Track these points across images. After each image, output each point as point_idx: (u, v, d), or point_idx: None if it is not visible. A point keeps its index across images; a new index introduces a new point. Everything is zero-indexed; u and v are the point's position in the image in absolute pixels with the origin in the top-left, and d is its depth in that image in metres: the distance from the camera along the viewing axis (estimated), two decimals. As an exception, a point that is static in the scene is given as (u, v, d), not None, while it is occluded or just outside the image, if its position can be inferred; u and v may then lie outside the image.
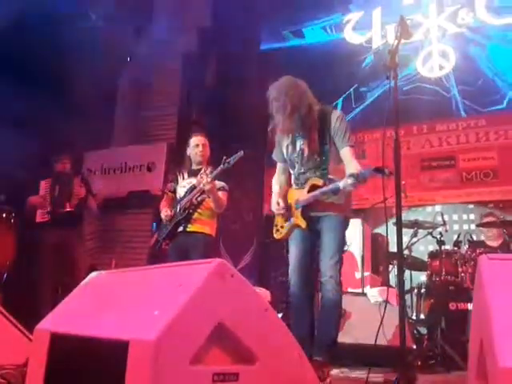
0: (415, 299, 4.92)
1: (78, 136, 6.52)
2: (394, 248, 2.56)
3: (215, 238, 4.04)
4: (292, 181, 3.22)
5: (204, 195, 3.79)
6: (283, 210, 3.09)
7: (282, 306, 4.77)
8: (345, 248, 5.31)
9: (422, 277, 5.18)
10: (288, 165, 3.23)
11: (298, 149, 3.11)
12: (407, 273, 4.73)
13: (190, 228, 3.82)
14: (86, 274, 2.24)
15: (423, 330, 4.42)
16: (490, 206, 6.04)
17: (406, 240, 4.68)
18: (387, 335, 3.53)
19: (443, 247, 4.47)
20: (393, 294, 4.06)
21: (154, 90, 7.40)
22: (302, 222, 2.99)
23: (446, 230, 4.68)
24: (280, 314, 4.48)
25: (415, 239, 4.77)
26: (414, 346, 3.93)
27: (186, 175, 4.06)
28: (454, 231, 5.62)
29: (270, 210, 3.35)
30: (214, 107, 7.18)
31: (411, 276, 4.81)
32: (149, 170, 6.92)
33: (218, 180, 3.78)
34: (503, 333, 1.26)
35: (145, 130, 7.28)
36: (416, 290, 4.93)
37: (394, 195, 2.46)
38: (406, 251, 4.77)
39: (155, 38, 7.75)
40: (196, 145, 4.04)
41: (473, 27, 6.50)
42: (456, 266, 4.41)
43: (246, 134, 6.46)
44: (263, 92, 3.10)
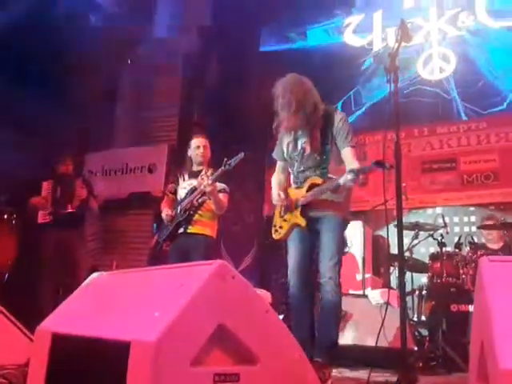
0: (416, 301, 4.91)
1: (78, 137, 6.53)
2: (394, 250, 2.56)
3: (216, 239, 4.05)
4: (291, 180, 3.21)
5: (205, 197, 3.80)
6: (285, 200, 3.07)
7: (282, 307, 4.76)
8: (345, 250, 5.33)
9: (423, 279, 5.18)
10: (288, 163, 3.22)
11: (299, 147, 3.11)
12: (408, 275, 4.72)
13: (191, 229, 3.83)
14: (87, 274, 2.25)
15: (424, 332, 4.41)
16: (491, 208, 6.03)
17: (407, 242, 4.67)
18: (388, 337, 3.53)
19: (444, 249, 4.45)
20: (394, 295, 4.06)
21: (155, 90, 7.41)
22: (302, 221, 2.98)
23: (447, 232, 4.67)
24: (281, 315, 4.48)
25: (416, 241, 4.76)
26: (416, 348, 3.93)
27: (186, 177, 4.06)
28: (454, 233, 5.62)
29: (270, 209, 3.34)
30: (214, 108, 7.19)
31: (412, 278, 4.81)
32: (150, 171, 6.92)
33: (218, 182, 3.78)
34: (504, 335, 1.26)
35: (146, 131, 7.29)
36: (417, 292, 4.92)
37: (395, 197, 2.47)
38: (407, 253, 4.77)
39: (156, 38, 7.78)
40: (197, 146, 4.05)
41: (473, 30, 6.51)
42: (457, 267, 4.41)
43: (246, 136, 6.47)
44: (264, 93, 3.11)
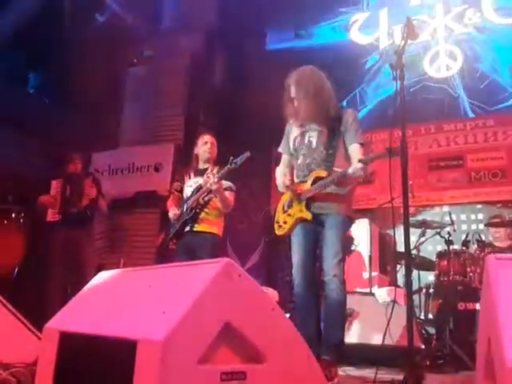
0: (423, 299, 4.90)
1: (85, 136, 6.56)
2: (401, 248, 2.55)
3: (222, 237, 4.05)
4: (294, 174, 3.20)
5: (211, 195, 3.80)
6: (292, 184, 3.06)
7: (289, 305, 4.77)
8: (352, 248, 5.32)
9: (430, 277, 5.16)
10: (293, 158, 3.20)
11: (306, 141, 3.10)
12: (415, 273, 4.71)
13: (197, 228, 3.83)
14: (95, 273, 2.26)
15: (431, 330, 4.40)
16: (499, 205, 6.01)
17: (414, 240, 4.66)
18: (395, 335, 3.53)
19: (451, 247, 4.44)
20: (401, 293, 4.05)
21: (161, 90, 7.42)
22: (308, 215, 2.96)
23: (455, 230, 4.66)
24: (288, 314, 4.48)
25: (423, 239, 4.75)
26: (423, 346, 3.92)
27: (192, 175, 4.07)
28: (462, 231, 5.60)
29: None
30: (221, 107, 7.19)
31: (419, 276, 4.79)
32: (156, 170, 6.93)
33: (224, 180, 3.78)
34: (511, 333, 1.25)
35: (152, 130, 7.30)
36: (424, 290, 4.90)
37: (402, 195, 2.46)
38: (414, 251, 4.75)
39: (162, 38, 7.79)
40: (205, 142, 4.07)
41: (480, 27, 6.47)
42: (464, 265, 4.39)
43: (253, 135, 6.47)
44: (270, 92, 3.12)
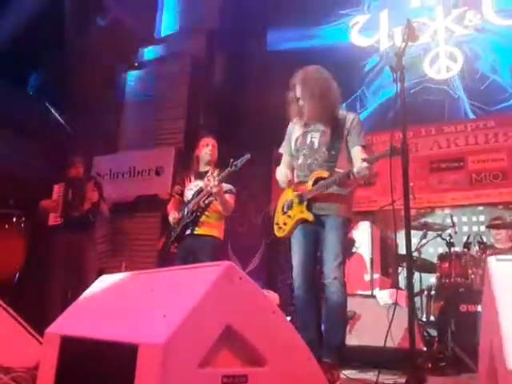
0: (425, 301, 4.89)
1: (86, 140, 6.57)
2: (403, 250, 2.54)
3: (223, 240, 4.05)
4: (294, 175, 3.19)
5: (211, 198, 3.79)
6: (293, 182, 3.08)
7: (290, 308, 4.76)
8: (353, 250, 5.31)
9: (431, 279, 5.15)
10: (294, 159, 3.19)
11: (308, 141, 3.09)
12: (417, 275, 4.70)
13: (198, 231, 3.83)
14: (96, 277, 2.26)
15: (433, 333, 4.39)
16: (500, 207, 6.00)
17: (415, 242, 4.65)
18: (397, 337, 3.52)
19: (453, 249, 4.43)
20: (402, 296, 4.05)
21: (162, 93, 7.43)
22: (309, 216, 2.95)
23: (456, 232, 4.65)
24: (289, 317, 4.47)
25: (424, 241, 4.74)
26: (425, 348, 3.91)
27: (192, 178, 4.07)
28: (463, 233, 5.59)
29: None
30: (221, 109, 7.19)
31: (421, 278, 4.78)
32: (157, 174, 6.94)
33: (225, 183, 3.78)
34: (513, 334, 1.25)
35: (152, 133, 7.30)
36: (426, 292, 4.90)
37: (403, 197, 2.46)
38: (416, 253, 4.75)
39: (163, 41, 7.81)
40: (206, 144, 4.07)
41: (480, 29, 6.47)
42: (466, 267, 4.38)
43: (253, 137, 6.47)
44: (270, 94, 3.12)
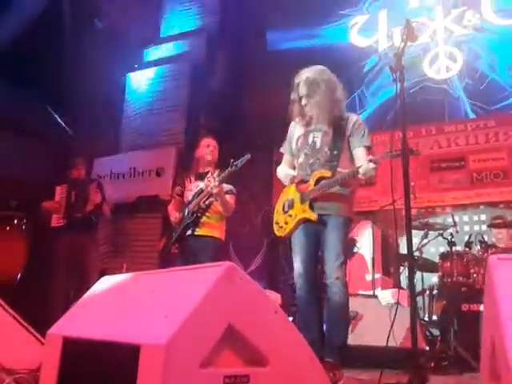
0: (427, 301, 4.89)
1: (86, 141, 6.58)
2: (404, 250, 2.55)
3: (224, 241, 4.05)
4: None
5: (212, 198, 3.79)
6: (297, 178, 3.07)
7: (292, 309, 4.76)
8: (355, 250, 5.31)
9: (433, 278, 5.15)
10: (294, 158, 3.18)
11: (309, 141, 3.09)
12: (418, 274, 4.70)
13: (199, 232, 3.82)
14: (99, 278, 2.26)
15: (436, 332, 4.39)
16: (501, 206, 6.00)
17: (416, 241, 4.65)
18: (399, 337, 3.52)
19: (454, 248, 4.43)
20: (404, 295, 4.04)
21: (162, 93, 7.43)
22: (311, 215, 2.93)
23: (457, 231, 4.65)
24: (291, 317, 4.47)
25: (426, 240, 4.74)
26: (427, 348, 3.91)
27: (193, 179, 4.07)
28: (464, 232, 5.59)
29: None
30: (222, 110, 7.20)
31: (422, 277, 4.79)
32: (158, 174, 6.93)
33: (225, 183, 3.78)
34: (515, 333, 1.25)
35: (153, 134, 7.30)
36: (428, 292, 4.90)
37: (403, 197, 2.46)
38: (417, 253, 4.75)
39: (163, 42, 7.82)
40: (207, 145, 4.07)
41: (479, 28, 6.48)
42: (467, 267, 4.38)
43: (253, 137, 6.47)
44: (271, 94, 3.12)
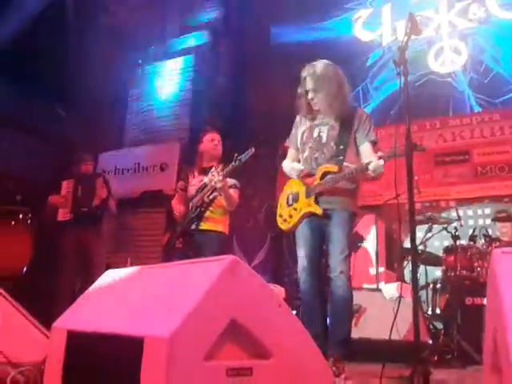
0: (431, 294, 4.89)
1: (91, 136, 6.59)
2: (408, 243, 2.55)
3: (228, 235, 4.05)
4: None
5: (215, 193, 3.79)
6: (304, 171, 3.06)
7: (296, 302, 4.77)
8: (359, 244, 5.31)
9: (437, 272, 5.15)
10: (299, 151, 3.18)
11: (315, 135, 3.08)
12: (422, 268, 4.70)
13: (203, 226, 3.83)
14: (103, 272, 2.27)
15: (439, 326, 4.39)
16: (506, 200, 5.98)
17: (420, 235, 4.65)
18: (403, 330, 3.53)
19: (458, 242, 4.43)
20: (408, 289, 4.05)
21: (166, 89, 7.43)
22: (317, 209, 2.92)
23: (461, 225, 4.65)
24: (294, 311, 4.48)
25: (430, 234, 4.74)
26: (430, 341, 3.92)
27: (196, 173, 4.07)
28: (469, 226, 5.58)
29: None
30: (226, 105, 7.19)
31: (426, 271, 4.78)
32: (162, 169, 6.95)
33: (229, 177, 3.78)
34: (517, 326, 1.25)
35: (157, 129, 7.32)
36: (431, 286, 4.90)
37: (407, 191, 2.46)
38: (421, 246, 4.74)
39: (167, 38, 7.81)
40: (211, 139, 4.07)
41: (484, 22, 6.44)
42: (471, 260, 4.38)
43: (257, 132, 6.47)
44: (275, 89, 3.12)
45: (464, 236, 4.65)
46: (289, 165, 3.23)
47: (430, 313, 4.77)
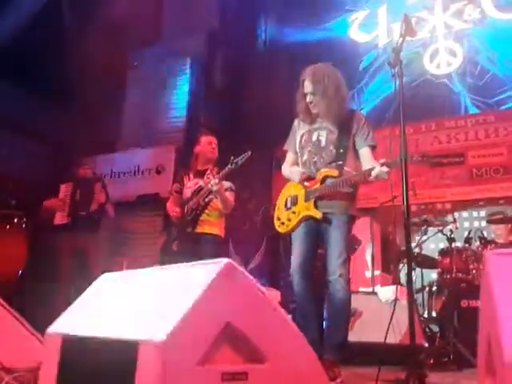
0: (426, 297, 4.90)
1: (86, 139, 6.58)
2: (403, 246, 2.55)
3: (224, 238, 4.05)
4: None
5: (211, 196, 3.79)
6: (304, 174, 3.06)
7: (292, 306, 4.76)
8: (355, 247, 5.30)
9: (433, 274, 5.16)
10: (298, 155, 3.17)
11: (314, 139, 3.07)
12: (418, 271, 4.71)
13: (199, 229, 3.82)
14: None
15: (435, 328, 4.39)
16: (501, 202, 6.00)
17: (416, 238, 4.66)
18: (399, 334, 3.52)
19: (454, 244, 4.43)
20: (404, 292, 4.05)
21: (162, 91, 7.43)
22: (316, 213, 2.91)
23: (457, 227, 4.65)
24: (290, 314, 4.47)
25: (425, 237, 4.75)
26: (426, 344, 3.91)
27: (191, 176, 4.07)
28: (464, 228, 5.59)
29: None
30: (222, 108, 7.19)
31: (422, 274, 4.79)
32: (158, 172, 6.94)
33: (225, 180, 3.78)
34: (510, 329, 1.26)
35: (153, 132, 7.30)
36: (427, 288, 4.91)
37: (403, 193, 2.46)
38: (417, 249, 4.75)
39: (163, 40, 7.81)
40: (209, 142, 4.07)
41: (479, 23, 6.47)
42: (467, 263, 4.39)
43: (253, 135, 6.47)
44: (272, 92, 3.12)
45: (459, 238, 4.66)
46: (288, 169, 3.22)
47: (425, 316, 4.77)
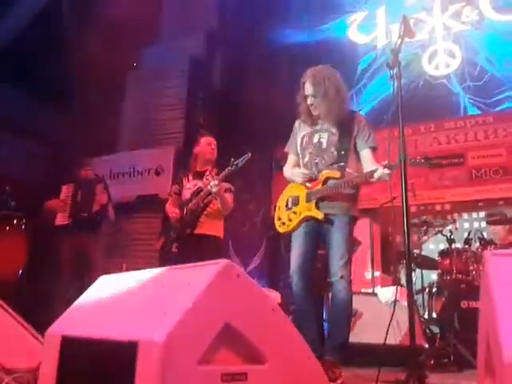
0: (427, 298, 4.90)
1: (85, 140, 6.58)
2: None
3: (224, 239, 4.05)
4: None
5: (210, 197, 3.79)
6: (308, 176, 3.05)
7: (292, 307, 4.75)
8: (355, 248, 5.30)
9: (433, 276, 5.16)
10: (298, 158, 3.18)
11: (315, 141, 3.08)
12: (418, 272, 4.70)
13: (198, 230, 3.82)
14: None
15: (435, 329, 4.39)
16: (501, 203, 6.00)
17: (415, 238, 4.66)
18: (399, 335, 3.52)
19: (453, 245, 4.43)
20: (404, 293, 4.05)
21: (161, 93, 7.43)
22: (318, 214, 2.92)
23: (456, 228, 4.65)
24: (290, 315, 4.46)
25: (425, 238, 4.75)
26: (427, 345, 3.91)
27: (190, 177, 4.07)
28: (464, 229, 5.59)
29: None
30: (221, 109, 7.20)
31: (422, 275, 4.79)
32: (157, 173, 6.94)
33: (224, 181, 3.77)
34: (509, 329, 1.26)
35: (152, 133, 7.31)
36: (427, 289, 4.90)
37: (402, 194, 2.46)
38: (417, 250, 4.75)
39: (162, 41, 7.81)
40: (208, 143, 4.07)
41: (477, 24, 6.49)
42: (467, 264, 4.39)
43: (253, 136, 6.47)
44: (271, 93, 3.12)
45: (459, 239, 4.66)
46: (290, 170, 3.23)
47: (426, 316, 4.77)
